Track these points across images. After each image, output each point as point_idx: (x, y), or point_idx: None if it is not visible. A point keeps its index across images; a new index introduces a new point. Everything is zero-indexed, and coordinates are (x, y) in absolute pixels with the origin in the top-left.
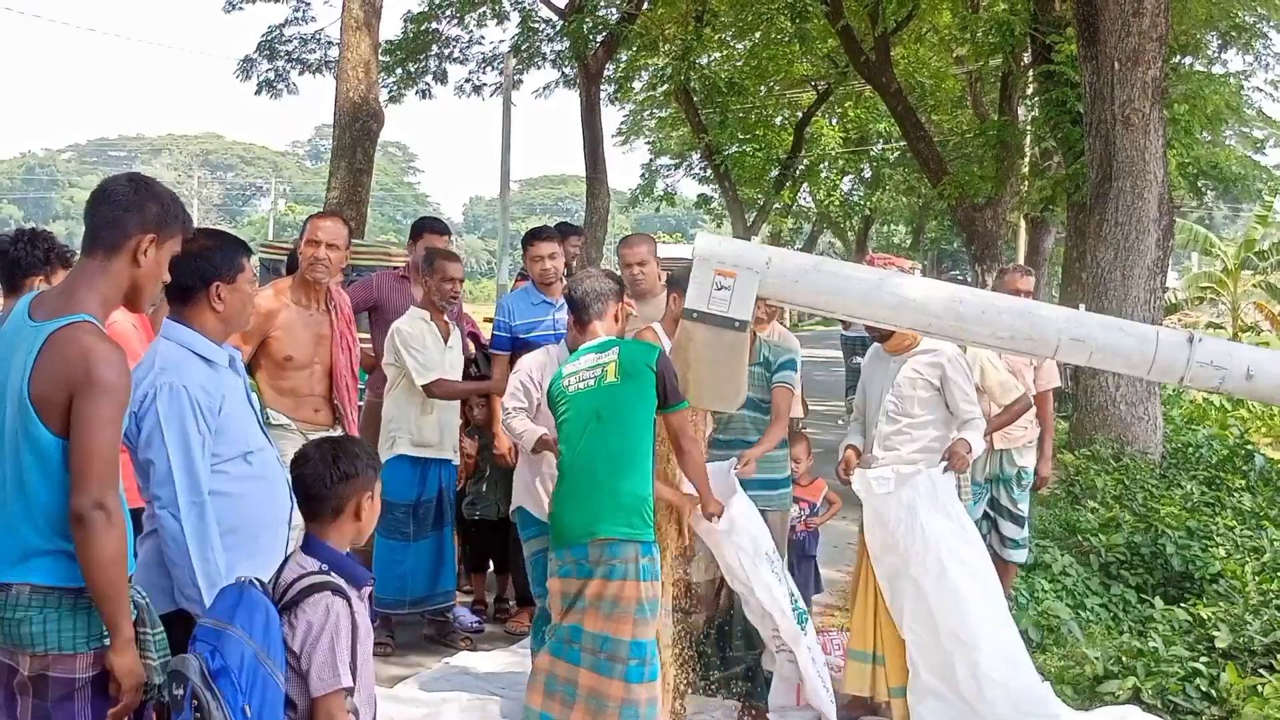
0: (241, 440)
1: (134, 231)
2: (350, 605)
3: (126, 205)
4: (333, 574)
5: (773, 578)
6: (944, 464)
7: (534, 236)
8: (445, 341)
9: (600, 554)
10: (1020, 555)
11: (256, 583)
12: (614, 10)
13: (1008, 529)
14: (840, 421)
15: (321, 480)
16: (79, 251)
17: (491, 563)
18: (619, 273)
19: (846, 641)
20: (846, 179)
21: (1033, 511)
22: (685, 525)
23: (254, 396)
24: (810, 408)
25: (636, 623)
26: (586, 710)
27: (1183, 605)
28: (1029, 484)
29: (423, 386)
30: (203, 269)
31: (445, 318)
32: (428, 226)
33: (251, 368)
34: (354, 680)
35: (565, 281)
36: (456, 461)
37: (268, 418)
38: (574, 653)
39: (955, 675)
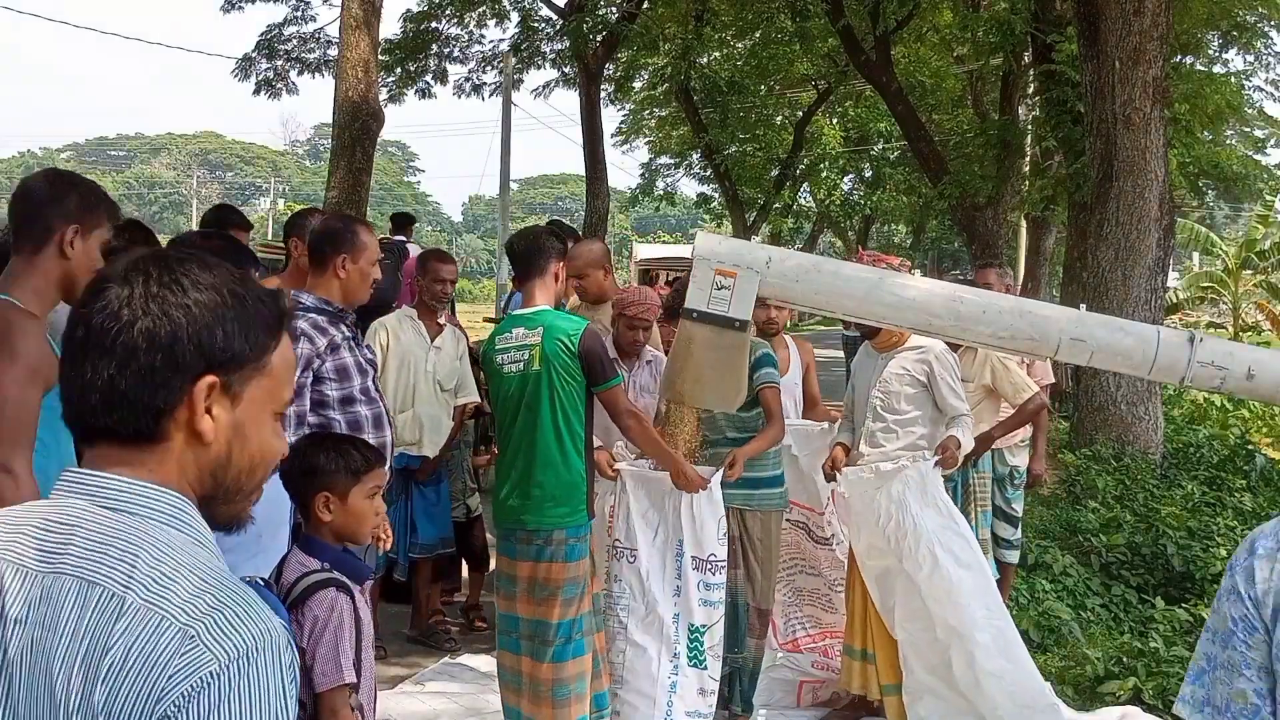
0: None
1: (56, 224)
2: (354, 601)
3: (45, 199)
4: (335, 571)
5: (666, 594)
6: (935, 459)
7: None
8: (432, 341)
9: (529, 537)
10: (1014, 556)
11: (261, 582)
12: (614, 10)
13: (1002, 529)
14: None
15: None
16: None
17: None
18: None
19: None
20: (847, 179)
21: (1027, 511)
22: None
23: None
24: None
25: (563, 604)
26: (528, 696)
27: (1184, 605)
28: (1022, 483)
29: None
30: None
31: (439, 319)
32: (230, 221)
33: None
34: (357, 677)
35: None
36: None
37: None
38: (514, 642)
39: (952, 670)
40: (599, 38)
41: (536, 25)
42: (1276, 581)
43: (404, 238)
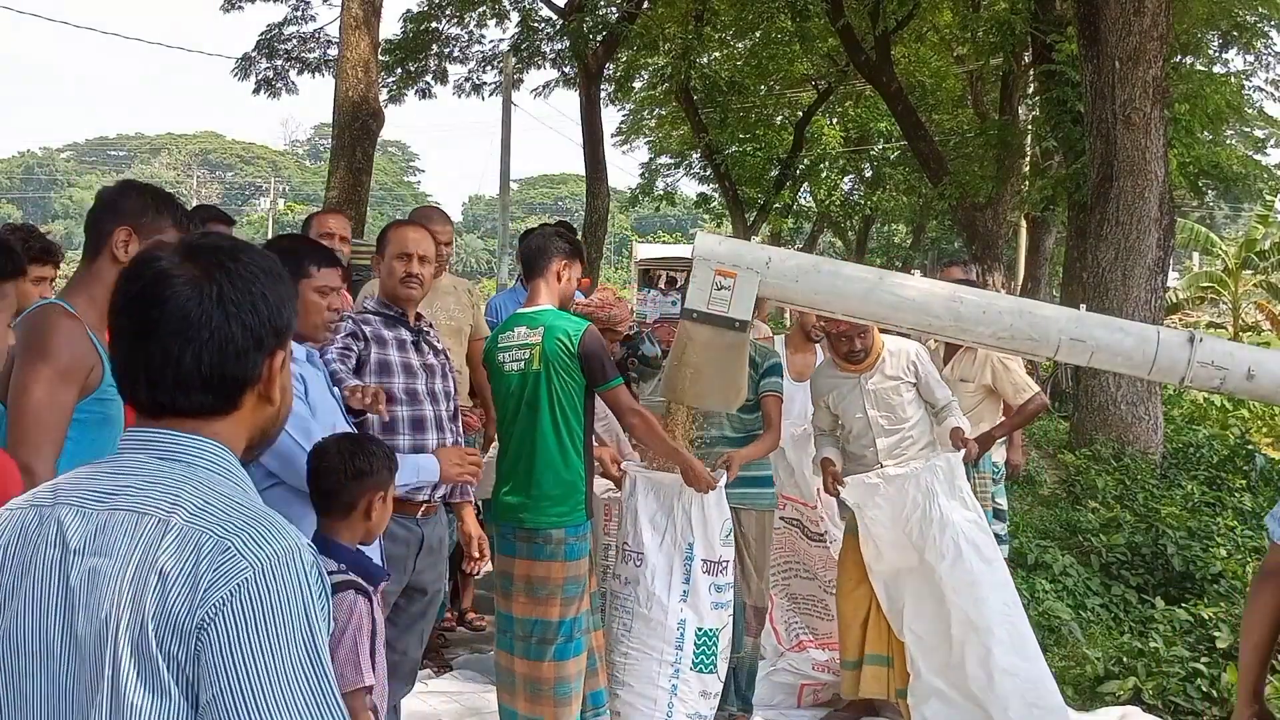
0: (329, 426)
1: (109, 228)
2: (370, 603)
3: (105, 205)
4: (351, 574)
5: (670, 591)
6: (961, 452)
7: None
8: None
9: (528, 536)
10: (1004, 550)
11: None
12: (614, 10)
13: (994, 526)
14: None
15: (336, 476)
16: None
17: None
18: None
19: (863, 645)
20: (847, 179)
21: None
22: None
23: (336, 390)
24: None
25: (563, 603)
26: (524, 696)
27: (1184, 605)
28: (1003, 477)
29: None
30: None
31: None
32: (213, 215)
33: None
34: (374, 678)
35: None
36: None
37: None
38: (509, 641)
39: (964, 669)
40: (599, 38)
41: (536, 25)
42: None
43: None
